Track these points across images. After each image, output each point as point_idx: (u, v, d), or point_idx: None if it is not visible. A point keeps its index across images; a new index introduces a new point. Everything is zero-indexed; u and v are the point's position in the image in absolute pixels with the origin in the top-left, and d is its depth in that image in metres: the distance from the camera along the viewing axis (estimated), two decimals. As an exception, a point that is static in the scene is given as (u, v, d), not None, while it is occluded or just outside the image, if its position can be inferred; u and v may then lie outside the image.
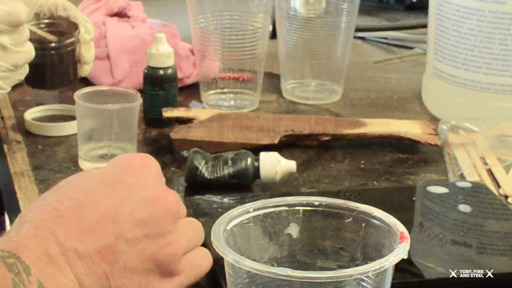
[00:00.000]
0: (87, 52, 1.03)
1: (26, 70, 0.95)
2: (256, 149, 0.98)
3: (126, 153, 0.97)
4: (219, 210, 0.84)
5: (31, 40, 0.98)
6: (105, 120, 0.97)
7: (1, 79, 0.92)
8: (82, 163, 0.98)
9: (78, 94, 0.98)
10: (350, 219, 0.65)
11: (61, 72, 1.01)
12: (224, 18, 1.15)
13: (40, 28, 1.01)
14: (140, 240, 0.63)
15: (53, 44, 0.99)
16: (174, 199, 0.66)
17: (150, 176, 0.65)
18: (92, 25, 1.05)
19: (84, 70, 1.04)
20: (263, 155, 0.94)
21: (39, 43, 0.99)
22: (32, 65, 0.97)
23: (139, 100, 0.98)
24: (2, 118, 1.12)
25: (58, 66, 1.01)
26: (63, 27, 1.02)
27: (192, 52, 1.24)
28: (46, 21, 1.01)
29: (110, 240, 0.61)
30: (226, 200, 0.87)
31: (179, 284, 0.66)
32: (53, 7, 1.02)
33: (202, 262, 0.68)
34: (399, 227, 0.61)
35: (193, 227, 0.69)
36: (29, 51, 0.94)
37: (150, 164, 0.66)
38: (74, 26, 1.02)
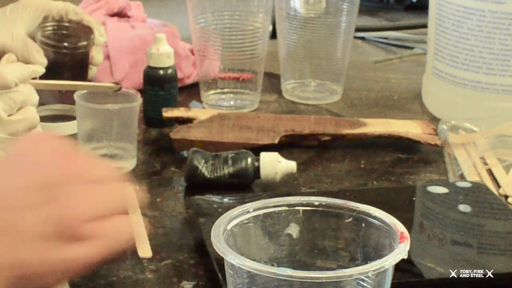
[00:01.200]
0: (97, 55, 1.04)
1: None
2: (256, 149, 0.98)
3: (126, 152, 0.97)
4: (219, 210, 0.84)
5: (46, 44, 0.98)
6: (105, 120, 0.97)
7: (0, 149, 0.84)
8: (82, 163, 0.98)
9: (78, 94, 0.98)
10: (350, 219, 0.64)
11: (74, 73, 1.02)
12: (224, 18, 1.15)
13: (46, 31, 1.01)
14: (35, 207, 0.61)
15: (65, 44, 1.00)
16: (75, 161, 0.64)
17: (48, 146, 0.64)
18: (104, 29, 1.05)
19: (92, 72, 1.05)
20: (263, 155, 0.94)
21: (54, 41, 0.99)
22: (47, 65, 0.98)
23: (139, 100, 0.98)
24: (2, 118, 1.12)
25: (72, 67, 1.01)
26: (69, 31, 1.02)
27: (192, 52, 1.24)
28: (53, 23, 1.02)
29: (5, 213, 0.61)
30: (226, 200, 0.87)
31: (88, 250, 0.63)
32: (63, 11, 1.01)
33: (113, 229, 0.64)
34: (399, 227, 0.61)
35: (109, 193, 0.65)
36: (29, 117, 0.86)
37: (49, 137, 0.66)
38: (83, 30, 1.02)
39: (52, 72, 0.99)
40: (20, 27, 0.98)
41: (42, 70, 0.92)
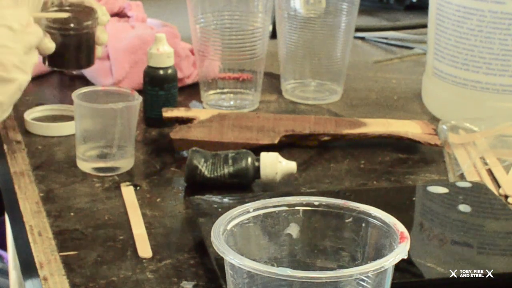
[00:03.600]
0: (102, 34, 1.04)
1: (37, 54, 0.94)
2: (256, 149, 0.98)
3: (125, 151, 0.97)
4: (219, 210, 0.84)
5: (52, 28, 0.98)
6: (108, 119, 0.97)
7: (21, 63, 0.89)
8: (80, 163, 0.98)
9: (75, 94, 0.98)
10: (350, 219, 0.65)
11: (82, 54, 1.02)
12: (224, 18, 1.15)
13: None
14: None
15: (72, 25, 1.00)
16: None
17: None
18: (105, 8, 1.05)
19: (98, 52, 1.04)
20: (263, 155, 0.94)
21: (60, 24, 1.00)
22: (55, 48, 0.98)
23: (139, 98, 0.98)
24: (2, 118, 1.12)
25: (79, 48, 1.01)
26: (72, 14, 1.02)
27: (192, 52, 1.24)
28: (55, 8, 1.02)
29: None
30: (226, 200, 0.87)
31: None
32: None
33: None
34: (399, 227, 0.61)
35: None
36: (36, 32, 0.92)
37: None
38: (86, 11, 1.02)
39: (59, 54, 0.99)
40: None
41: None
